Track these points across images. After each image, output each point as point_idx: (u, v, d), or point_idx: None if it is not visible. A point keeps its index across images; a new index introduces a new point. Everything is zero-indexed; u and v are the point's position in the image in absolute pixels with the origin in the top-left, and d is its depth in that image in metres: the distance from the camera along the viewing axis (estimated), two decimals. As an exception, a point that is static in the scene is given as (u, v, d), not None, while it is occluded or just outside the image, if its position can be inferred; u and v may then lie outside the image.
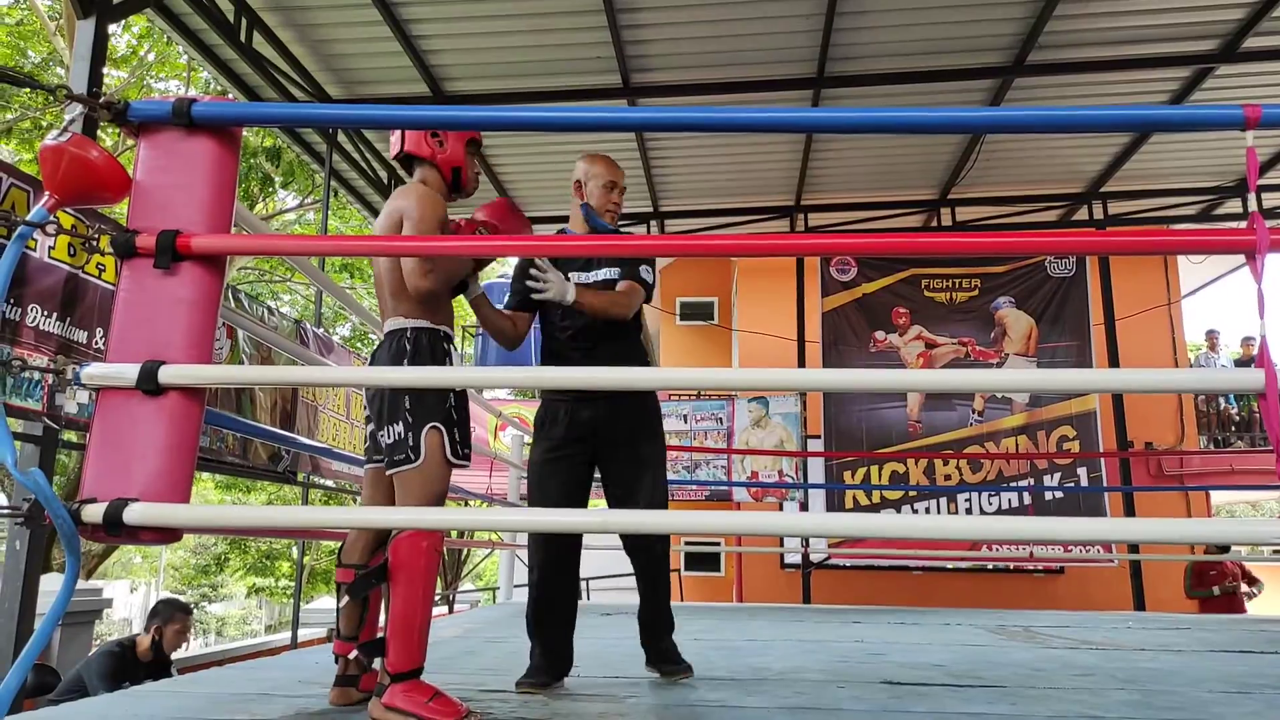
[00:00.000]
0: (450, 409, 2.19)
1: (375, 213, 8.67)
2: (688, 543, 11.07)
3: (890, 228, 8.85)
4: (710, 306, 12.67)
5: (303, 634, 8.30)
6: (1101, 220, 8.69)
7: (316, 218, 13.45)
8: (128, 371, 1.76)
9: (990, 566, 9.33)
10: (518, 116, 2.13)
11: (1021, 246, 1.94)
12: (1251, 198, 1.73)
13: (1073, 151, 7.89)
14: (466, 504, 7.91)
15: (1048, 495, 9.14)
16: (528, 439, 7.71)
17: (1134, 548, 7.26)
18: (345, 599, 2.22)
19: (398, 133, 2.40)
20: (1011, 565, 9.35)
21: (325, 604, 15.71)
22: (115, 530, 1.68)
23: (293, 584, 21.80)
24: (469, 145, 2.42)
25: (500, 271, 12.94)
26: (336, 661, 2.25)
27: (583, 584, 10.96)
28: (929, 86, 6.47)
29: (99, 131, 6.85)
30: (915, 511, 8.92)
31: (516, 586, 9.96)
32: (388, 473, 2.22)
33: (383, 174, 8.04)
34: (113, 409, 1.77)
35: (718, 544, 10.86)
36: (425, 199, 2.27)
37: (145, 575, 24.04)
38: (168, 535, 1.78)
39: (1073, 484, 9.10)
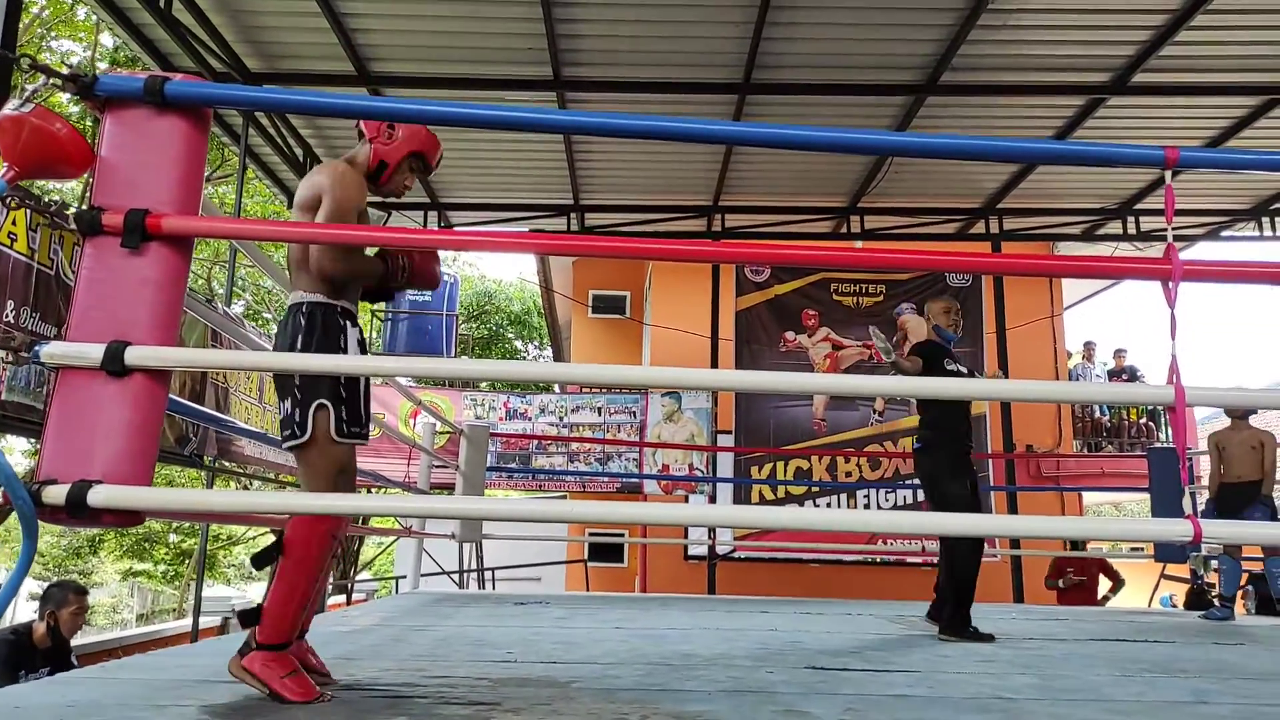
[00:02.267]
0: (340, 386, 2.17)
1: (287, 191, 8.41)
2: (592, 533, 11.20)
3: (803, 232, 9.14)
4: (623, 300, 12.78)
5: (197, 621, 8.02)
6: (997, 235, 9.21)
7: (217, 190, 12.91)
8: (91, 351, 1.72)
9: (881, 560, 9.74)
10: (459, 113, 2.16)
11: (963, 265, 2.09)
12: (1169, 231, 1.92)
13: (974, 170, 8.34)
14: (385, 491, 7.81)
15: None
16: (440, 426, 7.65)
17: (1015, 543, 7.74)
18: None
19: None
20: (905, 559, 9.81)
21: (220, 591, 15.12)
22: (79, 512, 1.65)
23: (171, 569, 20.86)
24: (411, 156, 2.42)
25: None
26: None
27: (486, 574, 10.93)
28: (848, 99, 6.73)
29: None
30: (817, 506, 9.26)
31: (425, 575, 9.84)
32: (283, 447, 2.23)
33: (299, 151, 7.81)
34: (74, 389, 1.73)
35: (622, 535, 11.02)
36: (346, 179, 2.27)
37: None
38: (130, 518, 1.75)
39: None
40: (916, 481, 9.85)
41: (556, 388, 11.51)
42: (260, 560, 2.15)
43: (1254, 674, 3.04)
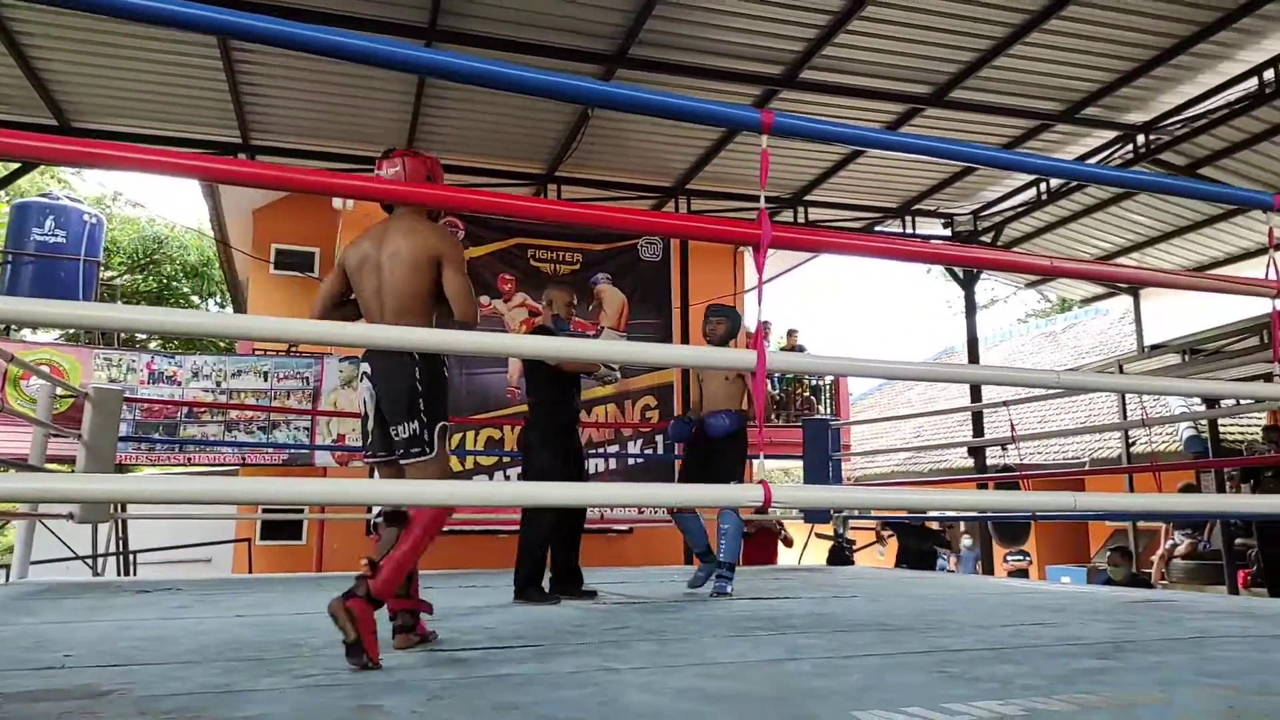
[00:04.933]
0: (447, 412, 2.79)
1: None
2: (265, 510, 10.27)
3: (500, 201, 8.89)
4: (310, 257, 11.77)
5: None
6: (687, 214, 9.57)
7: None
8: None
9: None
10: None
11: (626, 223, 1.96)
12: (763, 196, 1.90)
13: (664, 149, 8.57)
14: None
15: (630, 461, 9.93)
16: (60, 390, 6.51)
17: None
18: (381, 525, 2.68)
19: (398, 165, 2.83)
20: (590, 526, 10.00)
21: None
22: None
23: None
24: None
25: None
26: (394, 618, 2.66)
27: (131, 557, 9.65)
28: (539, 60, 6.55)
29: None
30: (508, 477, 9.15)
31: (45, 562, 8.43)
32: (402, 463, 2.72)
33: None
34: None
35: (301, 511, 10.22)
36: (456, 242, 2.90)
37: None
38: None
39: (652, 451, 9.97)
40: (611, 450, 10.21)
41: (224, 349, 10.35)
42: (390, 518, 2.58)
43: (848, 625, 3.30)
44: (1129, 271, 6.54)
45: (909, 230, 10.33)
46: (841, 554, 7.87)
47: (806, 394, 12.81)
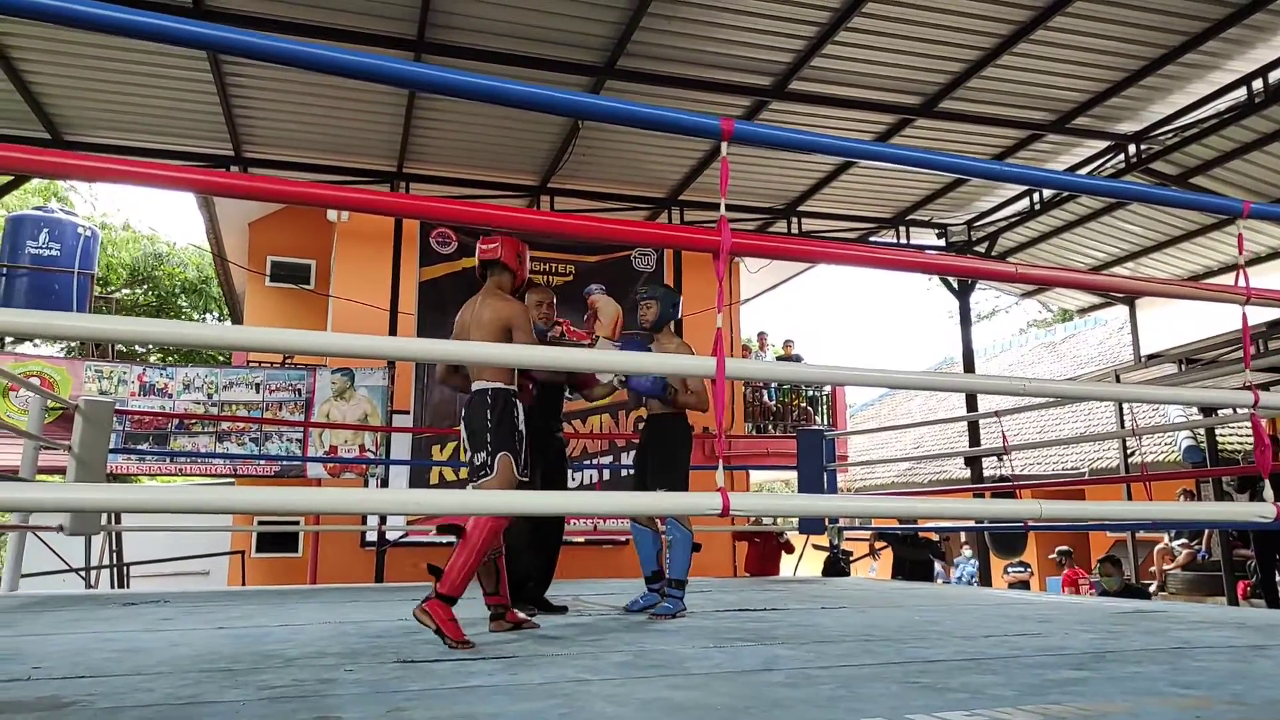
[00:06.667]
0: (518, 442, 3.33)
1: None
2: (261, 521, 10.25)
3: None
4: (306, 269, 11.81)
5: None
6: (643, 222, 9.57)
7: None
8: None
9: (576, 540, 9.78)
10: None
11: (614, 234, 1.96)
12: (723, 204, 1.90)
13: (656, 160, 8.58)
14: None
15: (624, 472, 9.90)
16: (51, 401, 6.50)
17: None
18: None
19: (497, 243, 3.52)
20: (583, 539, 9.97)
21: None
22: None
23: None
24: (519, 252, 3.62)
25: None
26: (489, 609, 3.43)
27: (125, 570, 9.63)
28: (528, 73, 6.58)
29: None
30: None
31: (37, 575, 8.39)
32: (470, 486, 3.36)
33: None
34: None
35: (297, 522, 10.19)
36: (525, 311, 3.50)
37: None
38: None
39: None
40: (605, 461, 10.17)
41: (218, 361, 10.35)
42: (444, 530, 3.12)
43: (830, 636, 3.28)
44: (1095, 279, 6.52)
45: (903, 240, 10.33)
46: (837, 565, 7.83)
47: (804, 405, 12.79)
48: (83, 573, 8.31)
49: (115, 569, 9.16)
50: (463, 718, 1.86)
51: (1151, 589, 9.80)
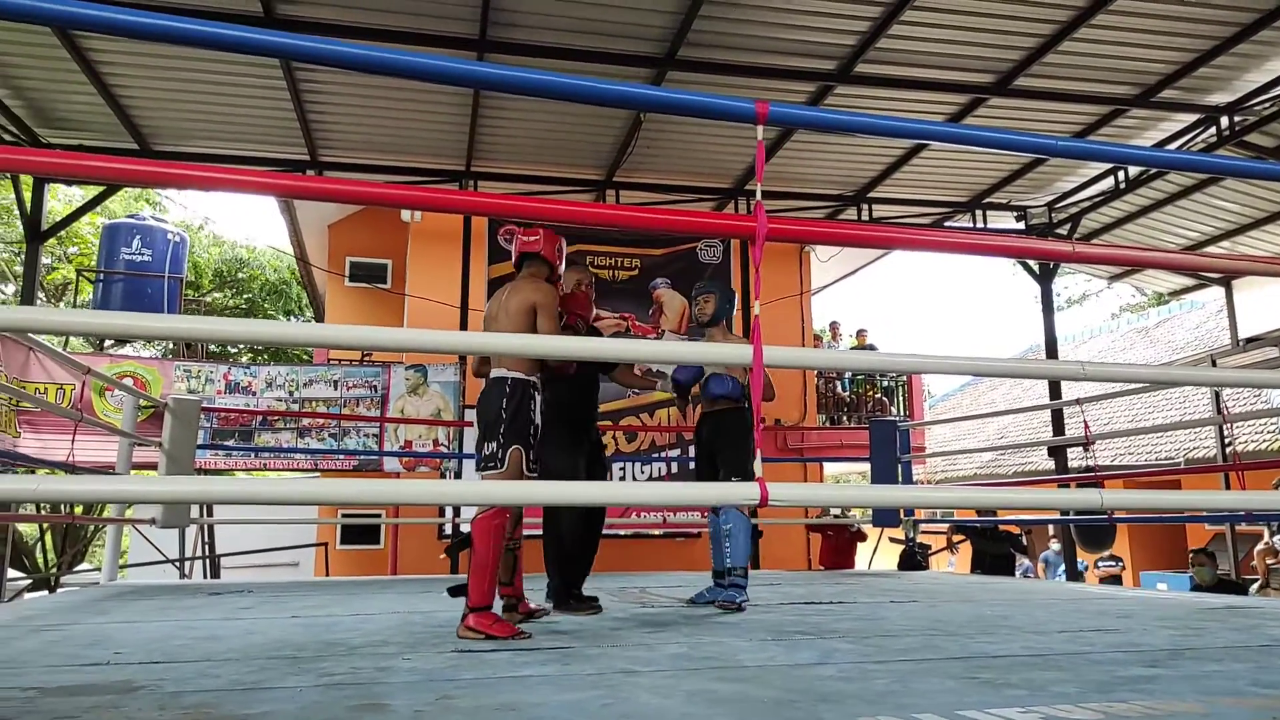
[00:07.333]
0: (531, 435, 3.22)
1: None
2: (345, 514, 10.57)
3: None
4: (383, 269, 12.11)
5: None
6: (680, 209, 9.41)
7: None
8: None
9: (628, 534, 9.74)
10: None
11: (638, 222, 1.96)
12: (758, 189, 1.87)
13: (721, 150, 8.50)
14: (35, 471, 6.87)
15: (692, 465, 9.86)
16: (142, 400, 6.82)
17: (753, 513, 8.03)
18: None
19: (535, 235, 3.47)
20: (657, 531, 9.96)
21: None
22: None
23: None
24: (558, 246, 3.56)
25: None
26: (502, 599, 3.34)
27: (217, 561, 10.05)
28: (589, 67, 6.59)
29: None
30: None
31: (128, 566, 8.81)
32: (479, 475, 3.26)
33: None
34: None
35: (379, 515, 10.48)
36: (552, 294, 3.40)
37: None
38: None
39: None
40: (673, 454, 10.16)
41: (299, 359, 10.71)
42: (453, 549, 3.23)
43: (893, 630, 3.20)
44: (1170, 258, 6.19)
45: (979, 225, 10.01)
46: (913, 559, 7.65)
47: (878, 395, 12.52)
48: (177, 564, 8.72)
49: (207, 560, 9.57)
50: (507, 706, 1.87)
51: (1253, 588, 9.29)
